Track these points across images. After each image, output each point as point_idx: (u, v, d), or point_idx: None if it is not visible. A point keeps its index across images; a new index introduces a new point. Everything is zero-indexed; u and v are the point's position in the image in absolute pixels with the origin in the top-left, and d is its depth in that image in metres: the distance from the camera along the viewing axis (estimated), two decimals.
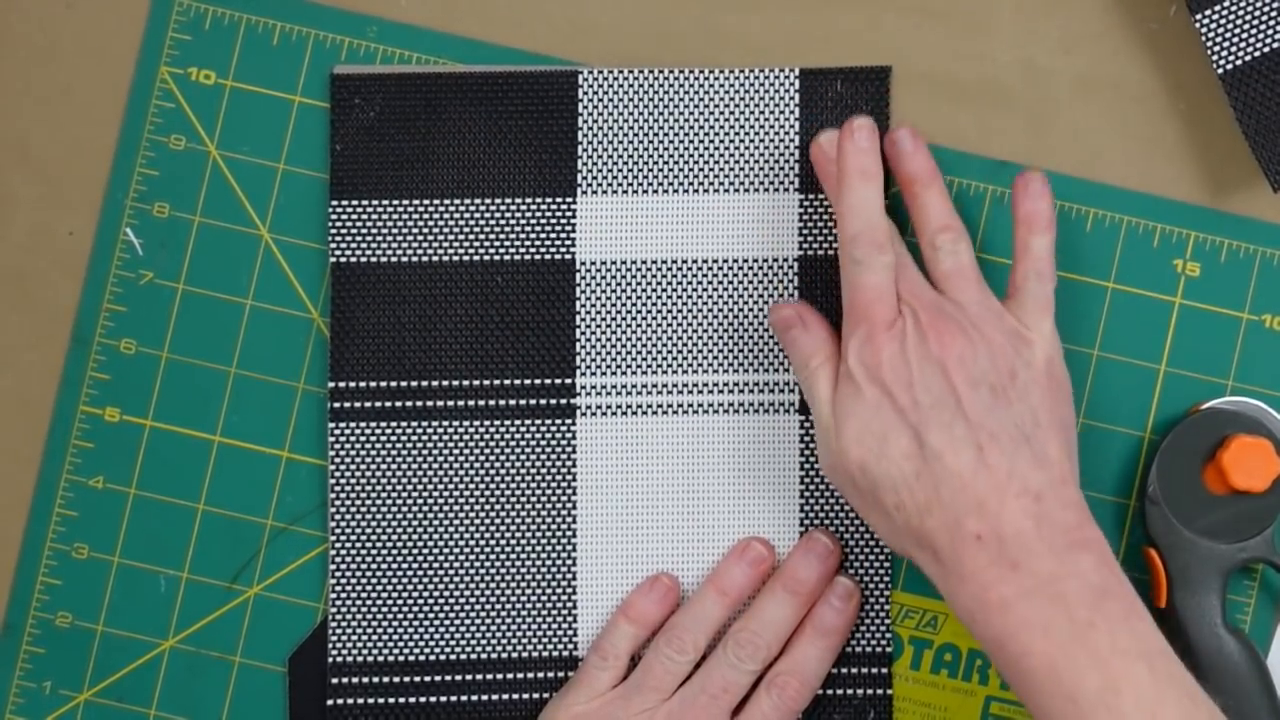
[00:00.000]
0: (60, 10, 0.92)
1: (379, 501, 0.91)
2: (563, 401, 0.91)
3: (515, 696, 0.91)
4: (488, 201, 0.91)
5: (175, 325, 0.92)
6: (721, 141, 0.91)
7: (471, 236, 0.91)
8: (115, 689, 0.92)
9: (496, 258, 0.91)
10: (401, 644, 0.91)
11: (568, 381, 0.91)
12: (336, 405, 0.91)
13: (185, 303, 0.92)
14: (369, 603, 0.91)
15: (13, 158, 0.92)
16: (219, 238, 0.92)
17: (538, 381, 0.91)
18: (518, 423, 0.91)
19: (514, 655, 0.91)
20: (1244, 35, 0.88)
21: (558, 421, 0.91)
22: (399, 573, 0.91)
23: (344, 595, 0.91)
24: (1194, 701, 0.78)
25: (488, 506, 0.91)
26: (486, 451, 0.91)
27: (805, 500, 0.91)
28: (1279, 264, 0.91)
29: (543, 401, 0.91)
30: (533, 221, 0.91)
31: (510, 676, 0.91)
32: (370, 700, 0.91)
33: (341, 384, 0.91)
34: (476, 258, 0.91)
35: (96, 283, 0.92)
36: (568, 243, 0.91)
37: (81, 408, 0.92)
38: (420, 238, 0.91)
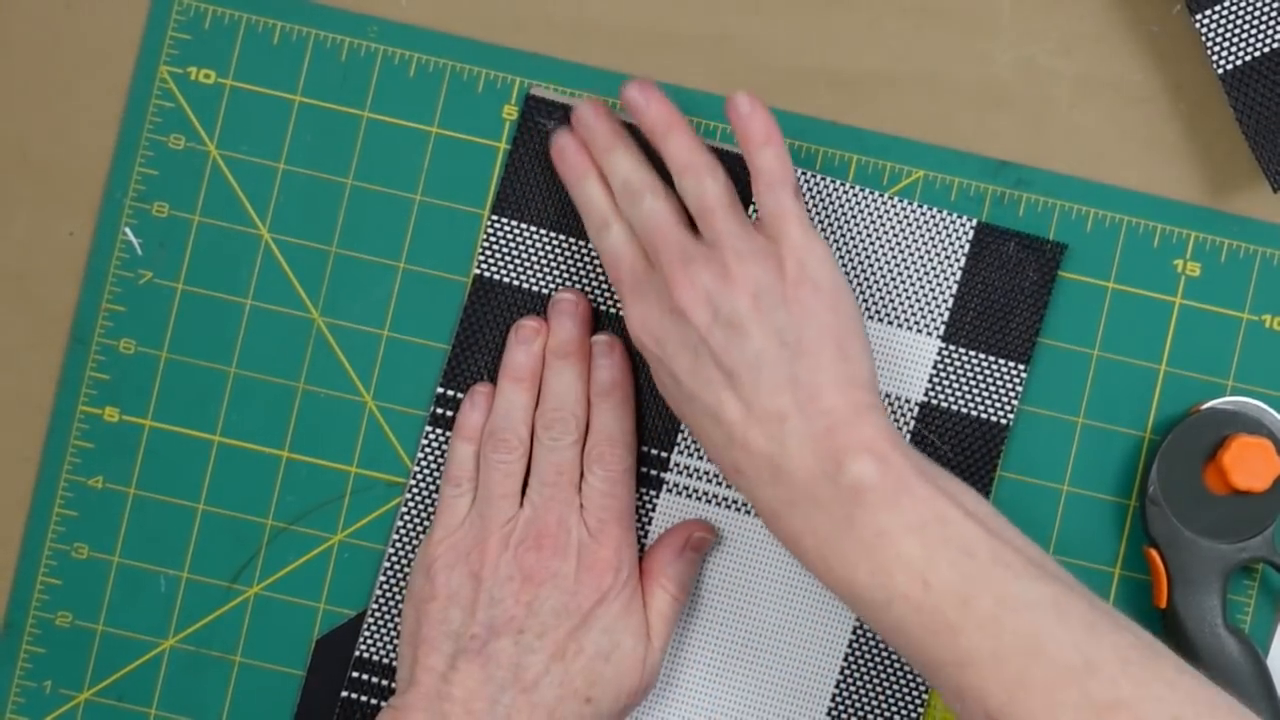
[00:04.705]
0: (60, 10, 0.92)
1: None
2: (653, 472, 0.91)
3: None
4: None
5: (175, 325, 0.92)
6: (881, 269, 0.90)
7: (612, 289, 0.91)
8: (115, 689, 0.92)
9: None
10: None
11: (664, 455, 0.91)
12: (439, 411, 0.91)
13: (185, 302, 0.92)
14: None
15: (13, 158, 0.92)
16: (218, 237, 0.92)
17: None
18: None
19: None
20: (1244, 35, 0.88)
21: (642, 490, 0.91)
22: None
23: (388, 594, 0.91)
24: (969, 553, 0.78)
25: None
26: None
27: (859, 628, 0.91)
28: (1279, 264, 0.91)
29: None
30: None
31: None
32: (382, 703, 0.90)
33: (450, 392, 0.91)
34: (612, 310, 0.91)
35: (96, 282, 0.92)
36: None
37: (81, 407, 0.92)
38: (565, 275, 0.91)
